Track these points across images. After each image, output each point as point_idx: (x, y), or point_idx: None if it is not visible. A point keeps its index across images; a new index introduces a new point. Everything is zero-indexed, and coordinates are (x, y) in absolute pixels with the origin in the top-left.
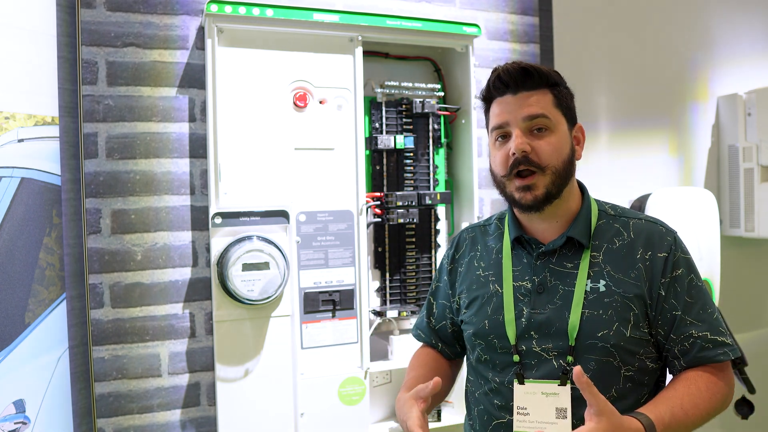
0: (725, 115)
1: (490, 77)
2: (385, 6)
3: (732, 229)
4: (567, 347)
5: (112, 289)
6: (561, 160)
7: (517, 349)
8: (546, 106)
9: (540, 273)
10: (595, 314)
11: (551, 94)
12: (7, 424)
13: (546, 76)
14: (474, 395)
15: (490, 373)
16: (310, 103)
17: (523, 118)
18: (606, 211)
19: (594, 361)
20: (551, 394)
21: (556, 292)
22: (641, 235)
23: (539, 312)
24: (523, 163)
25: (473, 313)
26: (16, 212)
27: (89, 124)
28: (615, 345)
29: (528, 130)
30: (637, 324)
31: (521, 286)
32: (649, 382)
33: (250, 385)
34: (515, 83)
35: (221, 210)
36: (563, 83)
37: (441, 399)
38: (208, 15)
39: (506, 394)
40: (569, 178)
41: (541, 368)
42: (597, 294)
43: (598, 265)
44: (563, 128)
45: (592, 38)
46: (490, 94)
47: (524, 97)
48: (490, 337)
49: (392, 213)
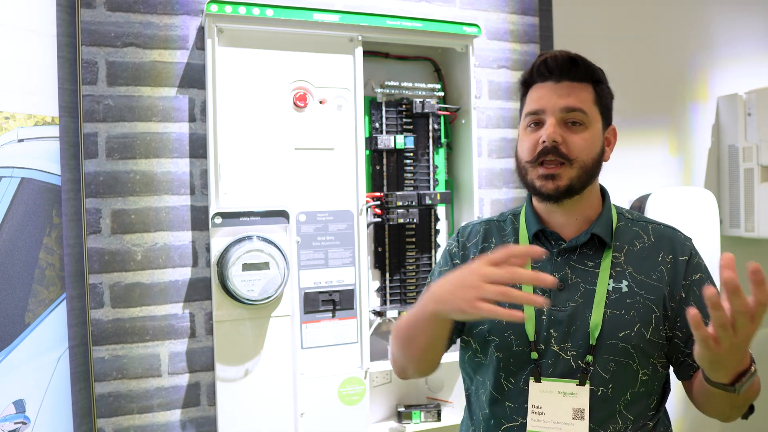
0: (725, 115)
1: (536, 61)
2: (385, 6)
3: (732, 229)
4: (587, 346)
5: (112, 289)
6: (590, 157)
7: (536, 347)
8: (585, 101)
9: (561, 269)
10: (618, 314)
11: (593, 89)
12: (7, 424)
13: (592, 70)
14: (479, 398)
15: (502, 373)
16: (310, 103)
17: (561, 108)
18: (624, 215)
19: (613, 362)
20: (569, 393)
21: (577, 290)
22: (663, 239)
23: (560, 309)
24: (552, 153)
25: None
26: (16, 212)
27: (89, 124)
28: (635, 346)
29: (563, 121)
30: (657, 327)
31: None
32: (658, 389)
33: (250, 385)
34: (560, 71)
35: (221, 210)
36: (606, 81)
37: (434, 360)
38: (208, 15)
39: (519, 395)
40: (594, 176)
41: (558, 367)
42: (619, 294)
43: (620, 265)
44: (598, 126)
45: (592, 38)
46: (532, 78)
47: (566, 87)
48: (507, 333)
49: (392, 213)
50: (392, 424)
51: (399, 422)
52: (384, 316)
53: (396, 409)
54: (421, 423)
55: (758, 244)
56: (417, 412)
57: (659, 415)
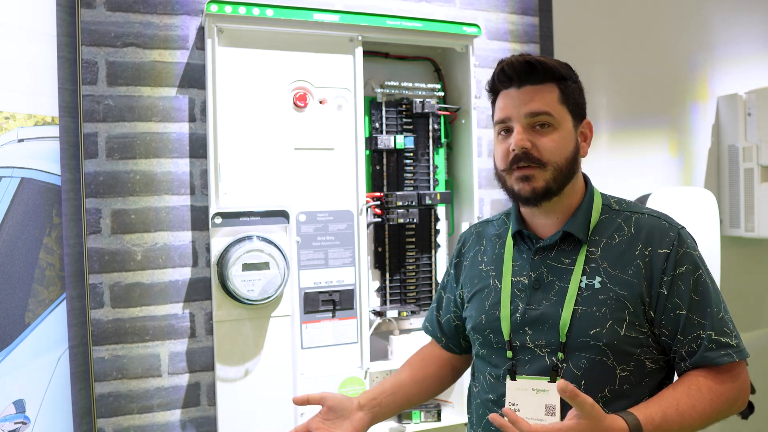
0: (725, 115)
1: (495, 69)
2: (385, 6)
3: (732, 229)
4: (558, 344)
5: (112, 289)
6: (563, 158)
7: (511, 345)
8: (550, 103)
9: (537, 268)
10: (588, 311)
11: (557, 89)
12: (7, 424)
13: (552, 70)
14: (473, 390)
15: (487, 368)
16: (310, 103)
17: (525, 114)
18: (610, 206)
19: (586, 359)
20: (541, 390)
21: (552, 288)
22: (642, 231)
23: (534, 308)
24: (523, 160)
25: (473, 307)
26: (16, 212)
27: (89, 124)
28: (608, 344)
29: (530, 126)
30: (633, 323)
31: (519, 281)
32: (650, 383)
33: (250, 385)
34: (519, 77)
35: (221, 210)
36: (573, 77)
37: (423, 399)
38: (208, 15)
39: (500, 389)
40: (572, 175)
41: (534, 364)
42: (592, 291)
43: (595, 261)
44: (568, 125)
45: (592, 38)
46: (495, 86)
47: (528, 91)
48: (486, 332)
49: (392, 213)
50: (392, 424)
51: (399, 422)
52: (384, 316)
53: None
54: (421, 423)
55: (758, 244)
56: (417, 412)
57: None
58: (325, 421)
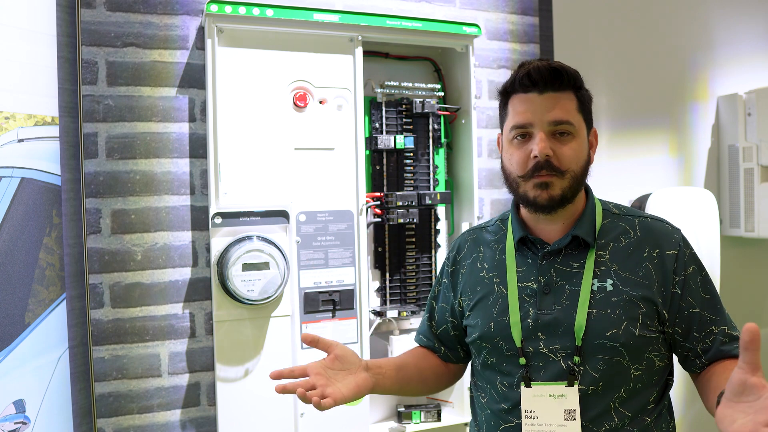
0: (725, 115)
1: (518, 72)
2: (385, 6)
3: (732, 229)
4: (574, 347)
5: (112, 289)
6: (580, 166)
7: (524, 352)
8: (570, 111)
9: (546, 273)
10: (603, 313)
11: (576, 97)
12: (7, 424)
13: (574, 78)
14: (480, 401)
15: (497, 377)
16: (310, 103)
17: (549, 122)
18: (611, 210)
19: (603, 361)
20: (559, 395)
21: (562, 292)
22: (649, 233)
23: (546, 312)
24: (545, 168)
25: (478, 315)
26: (16, 212)
27: (89, 124)
28: (624, 344)
29: (551, 134)
30: (646, 323)
31: (526, 287)
32: (658, 381)
33: (250, 385)
34: (544, 83)
35: (221, 210)
36: (584, 84)
37: (418, 390)
38: (208, 15)
39: (514, 397)
40: (583, 183)
41: (549, 370)
42: (604, 293)
43: (605, 264)
44: (583, 133)
45: (592, 38)
46: (513, 88)
47: (551, 98)
48: (496, 340)
49: (392, 213)
50: (392, 424)
51: (399, 422)
52: (384, 316)
53: (396, 409)
54: (421, 423)
55: (758, 244)
56: (417, 412)
57: (660, 408)
58: (327, 369)
